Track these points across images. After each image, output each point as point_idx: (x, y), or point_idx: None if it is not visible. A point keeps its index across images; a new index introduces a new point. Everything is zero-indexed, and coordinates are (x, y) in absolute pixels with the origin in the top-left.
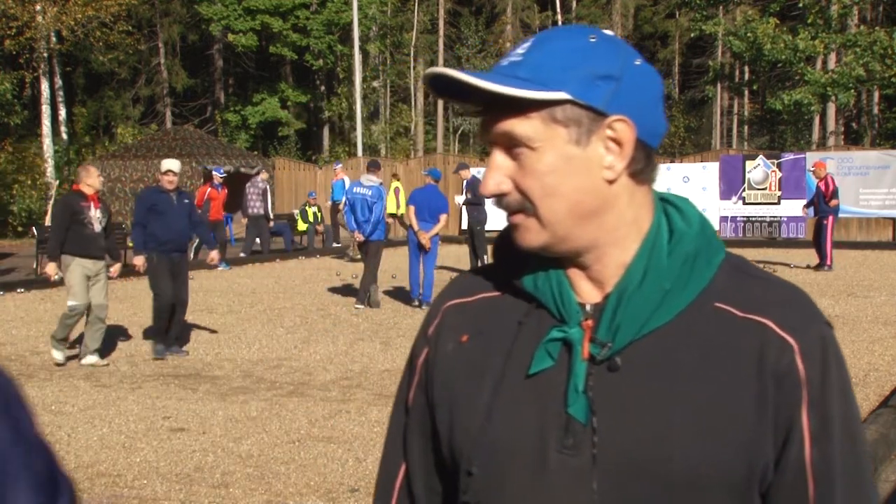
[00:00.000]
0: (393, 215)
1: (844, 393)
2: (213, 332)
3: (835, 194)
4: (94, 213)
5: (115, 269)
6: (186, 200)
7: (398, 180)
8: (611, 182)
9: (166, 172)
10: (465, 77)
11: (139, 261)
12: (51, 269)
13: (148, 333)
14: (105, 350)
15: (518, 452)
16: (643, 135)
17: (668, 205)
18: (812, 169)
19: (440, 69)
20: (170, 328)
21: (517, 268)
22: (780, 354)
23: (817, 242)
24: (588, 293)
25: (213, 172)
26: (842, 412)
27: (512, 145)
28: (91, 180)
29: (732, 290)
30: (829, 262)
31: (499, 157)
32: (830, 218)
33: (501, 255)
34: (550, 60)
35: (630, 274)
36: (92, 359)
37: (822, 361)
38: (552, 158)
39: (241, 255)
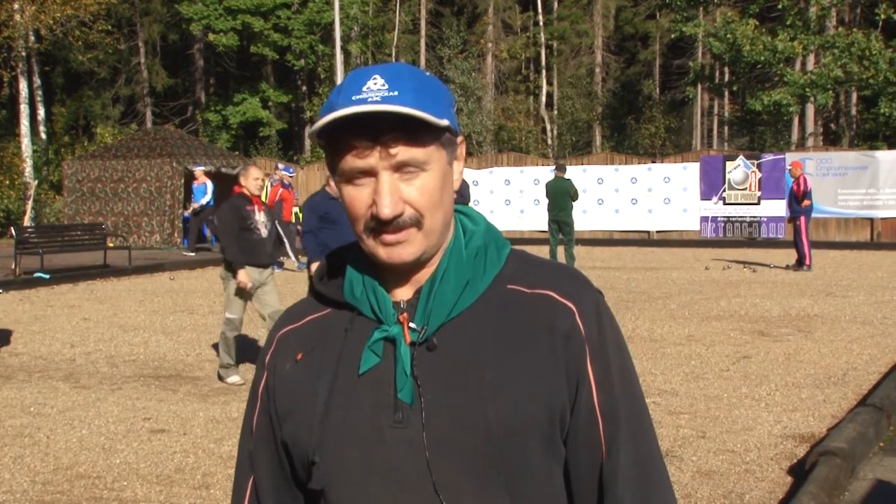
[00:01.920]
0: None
1: (619, 346)
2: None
3: (806, 195)
4: (260, 218)
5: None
6: None
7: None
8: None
9: None
10: (412, 112)
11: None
12: (244, 276)
13: None
14: (87, 351)
15: (355, 436)
16: None
17: (458, 213)
18: (789, 168)
19: (374, 107)
20: None
21: (337, 287)
22: (564, 317)
23: (796, 243)
24: (402, 293)
25: (283, 172)
26: (618, 362)
27: (403, 169)
28: (247, 182)
29: (520, 273)
30: (808, 263)
31: (391, 181)
32: (802, 219)
33: (324, 279)
34: (423, 94)
35: (438, 269)
36: (235, 378)
37: (598, 321)
38: (439, 176)
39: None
